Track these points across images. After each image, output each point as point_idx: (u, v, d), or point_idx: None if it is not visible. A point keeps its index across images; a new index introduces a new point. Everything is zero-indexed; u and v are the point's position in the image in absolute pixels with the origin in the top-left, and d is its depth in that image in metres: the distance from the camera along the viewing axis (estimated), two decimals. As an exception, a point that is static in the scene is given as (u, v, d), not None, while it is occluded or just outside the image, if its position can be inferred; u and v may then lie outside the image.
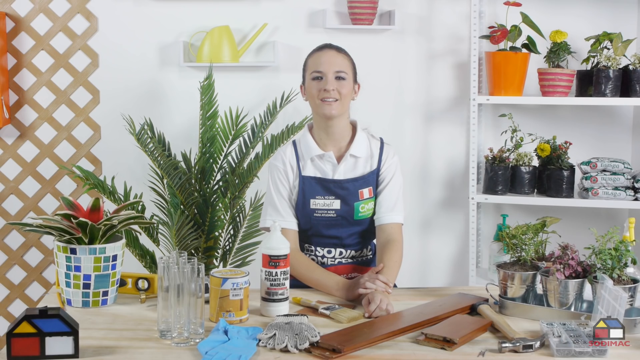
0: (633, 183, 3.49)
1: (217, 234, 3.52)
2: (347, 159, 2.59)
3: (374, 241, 2.66)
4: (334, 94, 2.52)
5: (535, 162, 3.67)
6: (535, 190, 3.65)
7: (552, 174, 3.55)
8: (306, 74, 2.60)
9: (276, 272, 2.23)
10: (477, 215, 3.75)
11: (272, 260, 2.23)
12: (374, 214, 2.61)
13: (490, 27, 3.63)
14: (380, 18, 3.77)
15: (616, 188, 3.49)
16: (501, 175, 3.59)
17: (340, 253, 2.62)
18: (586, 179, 3.52)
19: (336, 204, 2.57)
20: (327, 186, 2.57)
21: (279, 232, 2.27)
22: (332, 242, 2.61)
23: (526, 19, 3.54)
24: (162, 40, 3.74)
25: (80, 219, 2.20)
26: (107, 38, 3.74)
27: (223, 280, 2.15)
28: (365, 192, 2.58)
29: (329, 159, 2.59)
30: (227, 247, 3.59)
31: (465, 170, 3.87)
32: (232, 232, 3.59)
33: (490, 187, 3.62)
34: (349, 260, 2.64)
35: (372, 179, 2.60)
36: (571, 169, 3.55)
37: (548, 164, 3.60)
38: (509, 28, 3.56)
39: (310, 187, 2.57)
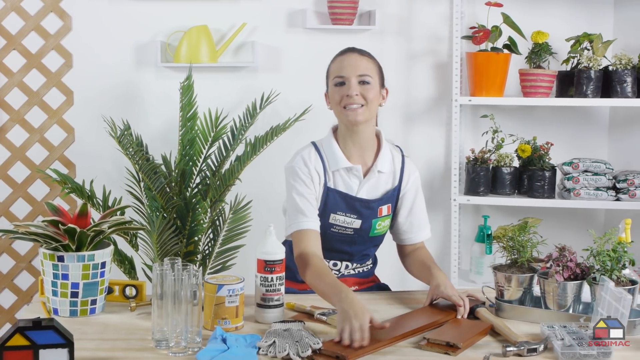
0: (614, 183, 3.51)
1: (196, 238, 3.44)
2: (374, 174, 2.47)
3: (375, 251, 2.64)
4: (357, 99, 2.36)
5: (516, 163, 3.67)
6: (516, 191, 3.65)
7: (533, 175, 3.55)
8: (329, 80, 2.44)
9: (272, 278, 2.17)
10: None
11: (267, 266, 2.17)
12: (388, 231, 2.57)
13: (471, 28, 3.61)
14: (360, 18, 3.74)
15: (598, 188, 3.51)
16: (483, 176, 3.58)
17: (346, 266, 2.56)
18: (568, 180, 3.53)
19: (357, 223, 2.46)
20: (352, 204, 2.44)
21: (274, 237, 2.21)
22: (340, 256, 2.53)
23: (507, 20, 3.53)
24: (139, 40, 3.66)
25: (69, 225, 2.12)
26: (82, 38, 3.64)
27: (218, 286, 2.09)
28: (385, 210, 2.49)
29: (356, 173, 2.45)
30: (207, 252, 3.51)
31: (444, 172, 3.86)
32: (211, 236, 3.52)
33: (472, 188, 3.60)
34: (351, 272, 2.57)
35: (393, 197, 2.51)
36: (552, 169, 3.56)
37: (529, 165, 3.60)
38: (489, 28, 3.55)
39: (333, 200, 2.44)
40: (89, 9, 3.63)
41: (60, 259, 2.14)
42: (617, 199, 3.52)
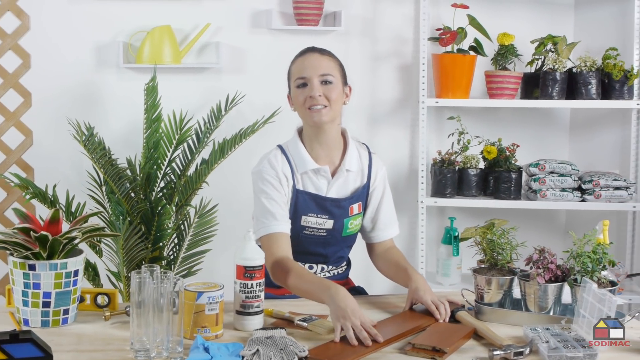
0: (580, 184, 3.55)
1: (162, 244, 3.36)
2: (342, 174, 2.45)
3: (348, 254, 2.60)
4: (321, 100, 2.35)
5: (482, 165, 3.68)
6: (482, 192, 3.66)
7: (499, 177, 3.57)
8: (290, 82, 2.42)
9: (252, 284, 2.12)
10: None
11: (247, 272, 2.12)
12: (359, 229, 2.53)
13: (437, 30, 3.61)
14: (325, 19, 3.70)
15: (564, 189, 3.54)
16: (449, 178, 3.58)
17: (322, 269, 2.52)
18: (534, 181, 3.55)
19: (329, 223, 2.43)
20: (322, 204, 2.42)
21: (253, 242, 2.16)
22: (315, 259, 2.49)
23: (473, 22, 3.54)
24: (99, 40, 3.56)
25: (41, 232, 2.04)
26: (40, 37, 3.53)
27: (198, 294, 2.03)
28: (355, 208, 2.47)
29: (324, 174, 2.43)
30: (172, 257, 3.44)
31: (409, 174, 3.85)
32: (176, 241, 3.44)
33: (439, 190, 3.60)
34: (327, 275, 2.54)
35: (363, 194, 2.49)
36: (518, 171, 3.58)
37: (494, 167, 3.61)
38: (455, 30, 3.55)
39: (304, 202, 2.41)
40: (48, 7, 3.52)
41: (32, 267, 2.06)
42: (583, 200, 3.55)
